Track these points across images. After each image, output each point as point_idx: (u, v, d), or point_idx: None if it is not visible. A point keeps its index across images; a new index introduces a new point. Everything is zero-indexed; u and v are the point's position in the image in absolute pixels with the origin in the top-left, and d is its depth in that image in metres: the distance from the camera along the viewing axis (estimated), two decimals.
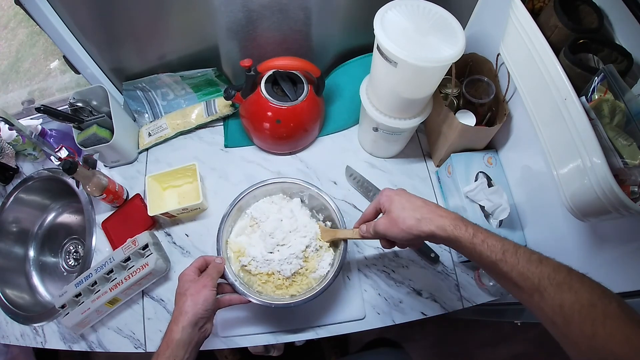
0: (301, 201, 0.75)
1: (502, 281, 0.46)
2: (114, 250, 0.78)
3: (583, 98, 0.49)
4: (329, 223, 0.74)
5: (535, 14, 0.58)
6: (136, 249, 0.75)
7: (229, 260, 0.68)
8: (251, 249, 0.68)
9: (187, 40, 0.83)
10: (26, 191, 0.95)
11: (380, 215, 0.58)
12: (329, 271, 0.67)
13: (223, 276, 0.64)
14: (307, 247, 0.68)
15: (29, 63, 1.29)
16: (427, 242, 0.78)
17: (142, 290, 0.79)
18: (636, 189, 0.45)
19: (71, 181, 0.91)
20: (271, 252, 0.68)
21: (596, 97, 0.49)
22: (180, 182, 0.86)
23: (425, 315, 0.75)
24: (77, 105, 0.82)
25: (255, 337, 0.75)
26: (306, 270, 0.68)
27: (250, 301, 0.64)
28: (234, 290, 0.64)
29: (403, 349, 0.84)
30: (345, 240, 0.67)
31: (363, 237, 0.60)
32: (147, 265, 0.73)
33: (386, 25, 0.58)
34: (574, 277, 0.40)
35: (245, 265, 0.68)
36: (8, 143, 0.88)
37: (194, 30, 0.80)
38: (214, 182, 0.88)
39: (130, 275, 0.73)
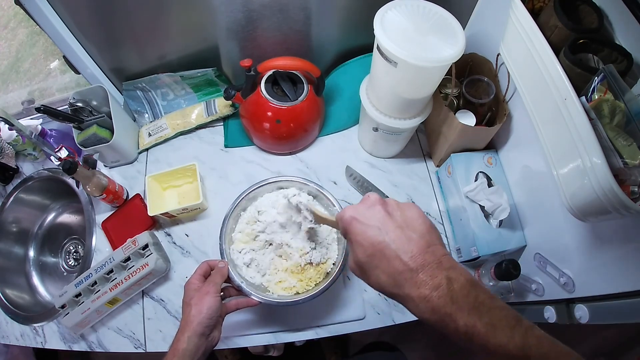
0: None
1: None
2: (114, 250, 0.78)
3: (583, 98, 0.49)
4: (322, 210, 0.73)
5: (535, 14, 0.58)
6: (136, 249, 0.75)
7: (233, 262, 0.68)
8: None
9: (187, 40, 0.83)
10: (26, 191, 0.95)
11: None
12: (332, 268, 0.68)
13: (228, 279, 0.64)
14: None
15: (29, 63, 1.29)
16: None
17: (142, 290, 0.79)
18: (636, 189, 0.45)
19: (71, 181, 0.91)
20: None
21: (596, 97, 0.49)
22: (180, 182, 0.86)
23: None
24: (77, 105, 0.82)
25: (255, 337, 0.75)
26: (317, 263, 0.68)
27: (258, 303, 0.63)
28: (240, 292, 0.64)
29: (400, 351, 0.84)
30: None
31: None
32: (147, 265, 0.73)
33: (386, 25, 0.58)
34: None
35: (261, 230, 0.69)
36: (8, 143, 0.88)
37: (194, 30, 0.80)
38: (214, 182, 0.88)
39: (130, 275, 0.73)
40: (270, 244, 0.69)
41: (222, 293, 0.61)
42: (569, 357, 0.34)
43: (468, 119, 0.74)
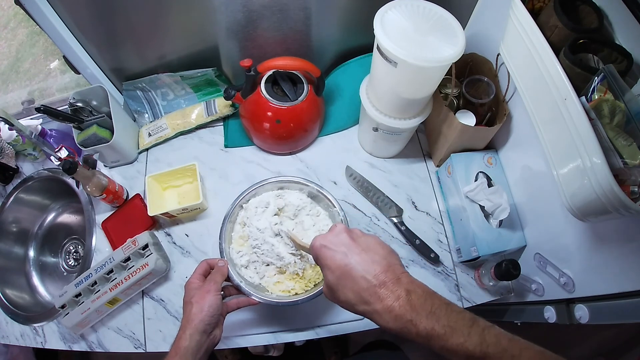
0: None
1: None
2: (114, 250, 0.78)
3: (583, 98, 0.49)
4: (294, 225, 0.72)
5: (535, 14, 0.58)
6: (136, 249, 0.75)
7: (232, 261, 0.68)
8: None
9: (187, 40, 0.83)
10: (26, 191, 0.95)
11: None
12: None
13: (228, 278, 0.64)
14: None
15: (29, 63, 1.29)
16: (425, 241, 0.79)
17: (142, 290, 0.79)
18: (636, 189, 0.45)
19: (71, 181, 0.91)
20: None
21: (596, 97, 0.49)
22: (180, 182, 0.86)
23: None
24: (77, 105, 0.82)
25: (255, 337, 0.75)
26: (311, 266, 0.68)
27: (259, 302, 0.63)
28: (239, 291, 0.64)
29: (401, 350, 0.84)
30: None
31: None
32: (147, 265, 0.73)
33: (386, 25, 0.58)
34: None
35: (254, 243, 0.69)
36: (8, 143, 0.88)
37: (194, 30, 0.80)
38: (214, 182, 0.88)
39: (130, 275, 0.73)
40: (262, 253, 0.69)
41: (222, 292, 0.61)
42: (530, 350, 0.37)
43: (468, 119, 0.74)
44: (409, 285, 0.41)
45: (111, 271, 0.75)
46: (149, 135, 0.92)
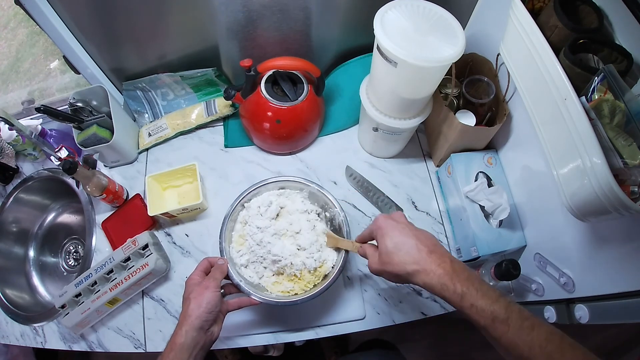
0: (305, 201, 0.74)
1: (493, 342, 0.46)
2: (114, 250, 0.78)
3: (583, 98, 0.49)
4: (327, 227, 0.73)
5: (535, 14, 0.58)
6: (136, 249, 0.75)
7: (232, 260, 0.68)
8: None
9: (187, 40, 0.83)
10: (26, 191, 0.95)
11: (374, 241, 0.57)
12: (331, 271, 0.67)
13: (228, 277, 0.64)
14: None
15: (29, 63, 1.28)
16: None
17: (142, 290, 0.79)
18: (636, 189, 0.45)
19: (71, 181, 0.91)
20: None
21: (596, 97, 0.49)
22: (180, 182, 0.86)
23: (425, 315, 0.75)
24: (77, 105, 0.82)
25: (255, 337, 0.75)
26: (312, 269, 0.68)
27: (260, 302, 0.63)
28: (239, 290, 0.64)
29: (397, 350, 0.84)
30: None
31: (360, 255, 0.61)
32: (147, 265, 0.73)
33: (386, 25, 0.58)
34: (567, 346, 0.41)
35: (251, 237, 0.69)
36: (8, 143, 0.88)
37: (194, 30, 0.80)
38: (214, 182, 0.88)
39: (130, 275, 0.73)
40: (261, 255, 0.68)
41: (222, 290, 0.61)
42: (544, 327, 0.42)
43: (468, 119, 0.74)
44: (452, 259, 0.50)
45: (111, 271, 0.75)
46: (149, 135, 0.92)
